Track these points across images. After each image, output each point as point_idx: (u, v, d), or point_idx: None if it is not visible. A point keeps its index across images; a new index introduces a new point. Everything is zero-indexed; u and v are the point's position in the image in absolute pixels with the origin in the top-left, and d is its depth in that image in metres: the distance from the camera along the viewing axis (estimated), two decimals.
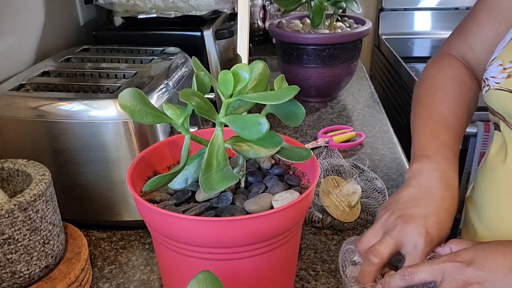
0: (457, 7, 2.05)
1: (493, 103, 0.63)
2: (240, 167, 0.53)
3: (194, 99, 0.46)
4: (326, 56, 1.11)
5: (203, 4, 0.95)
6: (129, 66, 0.81)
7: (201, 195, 0.52)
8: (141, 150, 0.65)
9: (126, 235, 0.72)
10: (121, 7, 0.96)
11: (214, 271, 0.44)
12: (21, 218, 0.52)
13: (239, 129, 0.46)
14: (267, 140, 0.48)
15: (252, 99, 0.46)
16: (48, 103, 0.66)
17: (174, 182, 0.51)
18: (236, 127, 0.46)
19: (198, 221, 0.45)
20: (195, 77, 0.49)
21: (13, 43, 0.84)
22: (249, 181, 0.55)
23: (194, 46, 0.94)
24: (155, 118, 0.48)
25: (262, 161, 0.58)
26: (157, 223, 0.47)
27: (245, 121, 0.46)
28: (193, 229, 0.45)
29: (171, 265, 0.52)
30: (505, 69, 0.60)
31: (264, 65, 0.51)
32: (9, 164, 0.60)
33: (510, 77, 0.59)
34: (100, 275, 0.64)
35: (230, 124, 0.47)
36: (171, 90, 0.74)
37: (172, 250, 0.49)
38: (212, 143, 0.48)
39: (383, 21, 2.09)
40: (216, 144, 0.48)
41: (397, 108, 1.79)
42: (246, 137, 0.46)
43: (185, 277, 0.49)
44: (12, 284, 0.54)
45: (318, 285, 0.62)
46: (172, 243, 0.48)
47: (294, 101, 0.50)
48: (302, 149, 0.52)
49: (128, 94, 0.47)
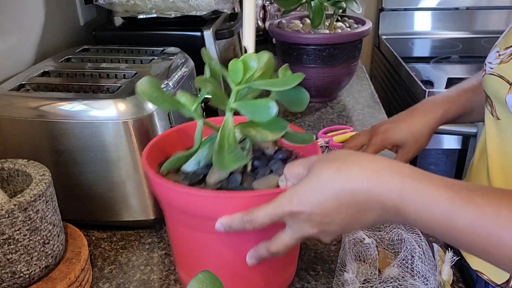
0: (457, 7, 2.05)
1: (487, 88, 0.64)
2: (247, 150, 0.56)
3: (208, 85, 0.49)
4: (326, 56, 1.11)
5: (203, 4, 0.95)
6: (129, 66, 0.81)
7: (212, 178, 0.54)
8: (141, 150, 0.65)
9: (126, 235, 0.72)
10: (121, 7, 0.96)
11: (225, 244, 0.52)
12: (21, 218, 0.52)
13: (250, 113, 0.50)
14: (274, 125, 0.51)
15: (260, 85, 0.50)
16: (48, 103, 0.66)
17: (187, 164, 0.54)
18: (247, 112, 0.50)
19: (215, 197, 0.49)
20: (207, 66, 0.53)
21: (13, 43, 0.84)
22: (255, 165, 0.57)
23: (194, 46, 0.94)
24: (171, 105, 0.53)
25: (266, 148, 0.60)
26: (175, 201, 0.51)
27: (255, 105, 0.50)
28: (209, 205, 0.49)
29: (184, 241, 0.55)
30: (500, 55, 0.62)
31: (269, 55, 0.54)
32: (9, 164, 0.60)
33: (502, 63, 0.61)
34: (100, 275, 0.64)
35: (240, 109, 0.50)
36: (171, 90, 0.74)
37: (188, 227, 0.53)
38: (223, 127, 0.51)
39: (383, 21, 2.09)
40: (227, 128, 0.51)
41: (397, 108, 1.79)
42: (256, 119, 0.50)
43: (199, 252, 0.54)
44: (12, 284, 0.54)
45: (318, 285, 0.62)
46: (189, 219, 0.52)
47: (299, 87, 0.52)
48: (305, 134, 0.56)
49: (146, 82, 0.51)
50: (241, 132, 0.51)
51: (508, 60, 0.59)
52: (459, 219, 0.39)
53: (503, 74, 0.59)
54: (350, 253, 0.61)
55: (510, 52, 0.60)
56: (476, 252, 0.40)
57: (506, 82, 0.58)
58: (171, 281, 0.63)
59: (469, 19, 2.07)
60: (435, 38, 2.06)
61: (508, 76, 0.58)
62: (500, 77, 0.60)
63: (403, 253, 0.60)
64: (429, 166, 1.92)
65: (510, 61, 0.59)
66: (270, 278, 0.58)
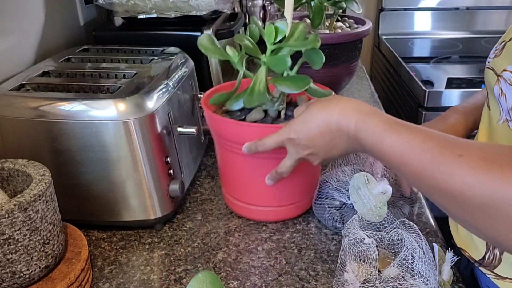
0: (457, 7, 2.05)
1: (485, 81, 0.66)
2: (280, 100, 0.70)
3: (245, 40, 0.66)
4: (326, 56, 1.09)
5: (203, 4, 0.95)
6: (129, 66, 0.81)
7: (250, 118, 0.70)
8: (141, 150, 0.66)
9: (126, 235, 0.72)
10: (121, 7, 0.96)
11: (259, 166, 0.70)
12: (21, 218, 0.52)
13: (273, 64, 0.65)
14: (299, 80, 0.65)
15: (287, 45, 0.65)
16: (48, 103, 0.66)
17: (232, 105, 0.70)
18: (271, 64, 0.65)
19: (241, 125, 0.67)
20: (249, 28, 0.68)
21: (13, 43, 0.84)
22: (288, 114, 0.71)
23: (194, 46, 0.94)
24: (220, 55, 0.67)
25: (300, 103, 0.73)
26: (224, 130, 0.69)
27: (277, 59, 0.65)
28: (250, 134, 0.66)
29: (230, 162, 0.73)
30: (496, 50, 0.63)
31: (303, 25, 0.68)
32: (9, 164, 0.59)
33: (495, 57, 0.62)
34: (100, 275, 0.64)
35: (268, 62, 0.65)
36: (171, 90, 0.74)
37: (233, 152, 0.70)
38: (257, 75, 0.66)
39: (383, 21, 2.09)
40: (259, 77, 0.66)
41: (397, 108, 1.79)
42: (276, 69, 0.65)
43: (240, 171, 0.72)
44: (12, 284, 0.54)
45: (318, 285, 0.62)
46: (234, 145, 0.69)
47: (317, 50, 0.66)
48: (325, 90, 0.72)
49: (205, 38, 0.68)
50: (273, 83, 0.65)
51: (499, 54, 0.61)
52: (387, 146, 0.50)
53: (494, 67, 0.61)
54: (350, 253, 0.61)
55: (501, 47, 0.61)
56: (407, 176, 0.49)
57: (495, 74, 0.60)
58: (171, 281, 0.63)
59: (469, 19, 2.07)
60: (435, 38, 2.06)
61: (498, 69, 0.60)
62: (492, 69, 0.62)
63: (403, 253, 0.60)
64: None
65: (501, 54, 0.61)
66: (288, 197, 0.74)
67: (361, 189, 0.71)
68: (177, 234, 0.72)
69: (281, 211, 0.74)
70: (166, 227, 0.74)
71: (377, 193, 0.70)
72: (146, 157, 0.67)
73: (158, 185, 0.69)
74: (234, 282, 0.63)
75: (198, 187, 0.85)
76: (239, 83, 0.70)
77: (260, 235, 0.72)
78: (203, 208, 0.79)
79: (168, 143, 0.72)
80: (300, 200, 0.75)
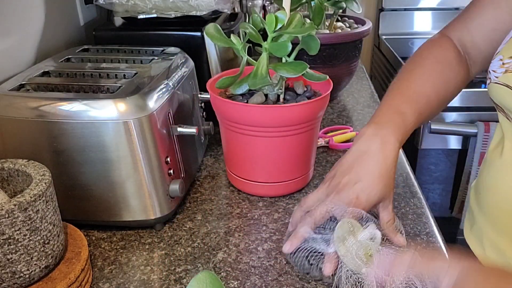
0: (457, 7, 2.05)
1: (493, 95, 0.65)
2: (279, 84, 0.75)
3: (248, 28, 0.72)
4: (326, 56, 1.11)
5: (203, 4, 0.95)
6: (129, 66, 0.81)
7: (252, 101, 0.75)
8: (142, 150, 0.66)
9: (126, 235, 0.72)
10: (121, 7, 0.96)
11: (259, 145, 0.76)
12: (21, 218, 0.52)
13: (274, 50, 0.71)
14: (297, 66, 0.70)
15: (286, 32, 0.71)
16: (48, 103, 0.66)
17: (236, 89, 0.76)
18: (274, 50, 0.71)
19: (257, 107, 0.73)
20: (251, 17, 0.74)
21: (13, 43, 0.84)
22: (287, 98, 0.77)
23: (194, 46, 0.94)
24: (225, 42, 0.73)
25: (297, 88, 0.79)
26: (228, 112, 0.75)
27: (278, 45, 0.71)
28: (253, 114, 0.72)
29: (235, 142, 0.79)
30: (504, 64, 0.62)
31: (300, 15, 0.73)
32: (9, 164, 0.59)
33: (507, 72, 0.61)
34: (100, 275, 0.64)
35: (270, 48, 0.71)
36: (171, 90, 0.74)
37: (236, 132, 0.76)
38: (259, 61, 0.73)
39: (383, 21, 2.09)
40: (261, 63, 0.72)
41: None
42: (278, 54, 0.71)
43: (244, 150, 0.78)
44: (12, 284, 0.54)
45: (318, 285, 0.62)
46: (238, 126, 0.75)
47: (313, 36, 0.73)
48: (320, 75, 0.77)
49: (212, 27, 0.73)
50: (273, 68, 0.71)
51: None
52: None
53: (509, 83, 0.60)
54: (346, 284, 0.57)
55: None
56: None
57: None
58: (171, 281, 0.63)
59: None
60: None
61: None
62: (507, 86, 0.60)
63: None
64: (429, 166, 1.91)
65: None
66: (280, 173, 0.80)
67: (347, 239, 0.60)
68: (177, 234, 0.72)
69: (280, 186, 0.81)
70: (166, 227, 0.74)
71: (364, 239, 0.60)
72: (146, 157, 0.67)
73: (158, 185, 0.69)
74: (234, 282, 0.63)
75: (198, 187, 0.85)
76: (243, 69, 0.75)
77: (260, 235, 0.72)
78: (203, 208, 0.79)
79: (168, 143, 0.72)
80: (300, 176, 0.81)
